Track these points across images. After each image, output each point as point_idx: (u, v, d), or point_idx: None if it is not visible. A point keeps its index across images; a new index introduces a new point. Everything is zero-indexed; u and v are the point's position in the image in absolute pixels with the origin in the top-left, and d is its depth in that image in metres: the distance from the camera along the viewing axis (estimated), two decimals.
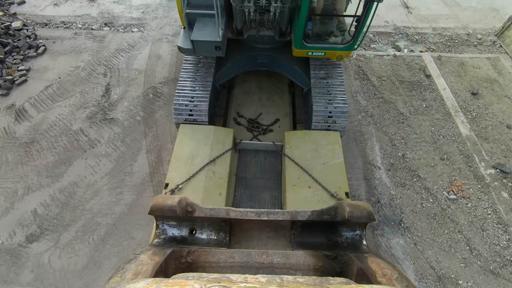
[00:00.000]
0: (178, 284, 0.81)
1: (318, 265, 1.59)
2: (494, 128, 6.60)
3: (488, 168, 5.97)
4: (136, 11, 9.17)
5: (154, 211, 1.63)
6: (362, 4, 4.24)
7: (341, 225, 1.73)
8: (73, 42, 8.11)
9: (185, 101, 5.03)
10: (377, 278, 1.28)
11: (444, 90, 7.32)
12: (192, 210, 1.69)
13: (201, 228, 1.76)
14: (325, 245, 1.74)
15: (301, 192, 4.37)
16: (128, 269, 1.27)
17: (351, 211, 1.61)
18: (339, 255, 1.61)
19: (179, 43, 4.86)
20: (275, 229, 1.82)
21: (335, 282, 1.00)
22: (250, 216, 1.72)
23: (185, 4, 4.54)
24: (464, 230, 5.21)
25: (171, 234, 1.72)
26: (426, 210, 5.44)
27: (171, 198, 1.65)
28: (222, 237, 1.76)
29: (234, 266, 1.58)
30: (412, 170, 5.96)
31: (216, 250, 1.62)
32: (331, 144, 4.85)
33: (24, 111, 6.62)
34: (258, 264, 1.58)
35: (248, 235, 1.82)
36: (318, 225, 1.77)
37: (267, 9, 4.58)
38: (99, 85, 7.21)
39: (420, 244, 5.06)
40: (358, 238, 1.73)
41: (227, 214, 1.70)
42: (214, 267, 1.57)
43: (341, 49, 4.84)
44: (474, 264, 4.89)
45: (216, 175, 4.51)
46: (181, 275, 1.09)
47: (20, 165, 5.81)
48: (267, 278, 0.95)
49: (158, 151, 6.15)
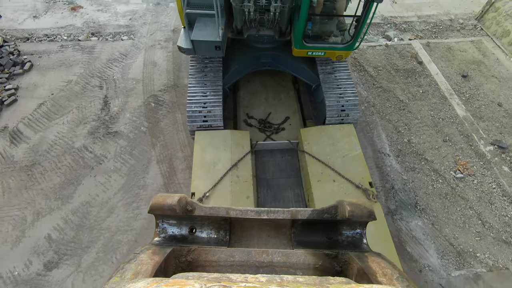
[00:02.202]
0: (178, 283, 0.81)
1: (318, 264, 1.60)
2: (487, 107, 7.01)
3: (487, 145, 6.34)
4: (123, 18, 8.86)
5: (154, 210, 1.62)
6: (362, 4, 4.27)
7: (342, 224, 1.74)
8: (61, 55, 7.72)
9: (198, 107, 4.95)
10: (377, 277, 1.30)
11: (437, 75, 7.66)
12: (192, 209, 1.68)
13: (201, 227, 1.76)
14: (325, 244, 1.75)
15: (326, 186, 4.45)
16: (128, 268, 1.26)
17: (351, 210, 1.61)
18: (339, 254, 1.61)
19: (179, 43, 4.83)
20: (275, 228, 1.82)
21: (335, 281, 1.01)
22: (250, 215, 1.72)
23: (185, 4, 4.51)
24: (474, 205, 5.52)
25: (171, 232, 1.72)
26: (437, 191, 5.71)
27: (170, 197, 1.65)
28: (222, 236, 1.76)
29: (234, 265, 1.58)
30: (419, 154, 6.22)
31: (216, 249, 1.62)
32: (347, 137, 4.97)
33: (19, 132, 6.25)
34: (258, 263, 1.59)
35: (248, 234, 1.83)
36: (318, 224, 1.77)
37: (267, 8, 4.59)
38: (96, 98, 6.93)
39: (437, 224, 5.31)
40: (359, 237, 1.75)
41: (227, 213, 1.69)
42: (214, 266, 1.58)
43: (341, 49, 4.81)
44: (488, 236, 5.20)
45: (240, 179, 4.50)
46: (181, 275, 1.09)
47: (25, 190, 5.49)
48: (267, 278, 0.95)
49: (170, 161, 6.02)
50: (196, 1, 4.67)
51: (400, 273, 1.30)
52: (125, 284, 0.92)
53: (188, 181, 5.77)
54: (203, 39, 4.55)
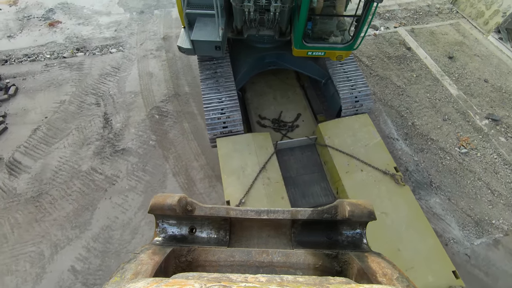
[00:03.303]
0: (178, 283, 0.80)
1: (318, 264, 1.59)
2: (475, 84, 7.51)
3: (483, 120, 6.81)
4: (108, 30, 8.46)
5: (154, 210, 1.62)
6: (362, 4, 4.32)
7: (342, 224, 1.73)
8: (47, 75, 7.24)
9: (217, 114, 4.87)
10: (377, 277, 1.29)
11: (426, 59, 8.09)
12: (192, 209, 1.68)
13: (201, 227, 1.76)
14: (325, 244, 1.74)
15: (355, 177, 4.57)
16: (127, 269, 1.25)
17: (351, 210, 1.59)
18: (339, 254, 1.61)
19: (179, 43, 4.79)
20: (275, 228, 1.81)
21: (335, 281, 1.00)
22: (250, 215, 1.71)
23: (185, 4, 4.48)
24: (482, 177, 5.92)
25: (171, 232, 1.72)
26: (447, 168, 6.05)
27: (170, 197, 1.65)
28: (222, 236, 1.75)
29: (234, 265, 1.58)
30: (424, 135, 6.55)
31: (216, 249, 1.62)
32: (365, 126, 5.12)
33: (17, 162, 5.79)
34: (258, 263, 1.59)
35: (248, 234, 1.82)
36: (318, 224, 1.77)
37: (267, 8, 4.60)
38: (95, 116, 6.58)
39: (453, 198, 5.64)
40: (359, 237, 1.73)
41: (227, 213, 1.69)
42: (214, 266, 1.58)
43: (341, 48, 4.80)
44: (498, 203, 5.60)
45: (271, 181, 4.49)
46: (181, 275, 1.10)
47: (36, 223, 5.11)
48: (267, 278, 0.95)
49: (186, 171, 5.87)
50: (196, 1, 4.66)
51: (400, 273, 1.31)
52: (125, 284, 0.91)
53: (209, 190, 5.67)
54: (203, 39, 4.54)
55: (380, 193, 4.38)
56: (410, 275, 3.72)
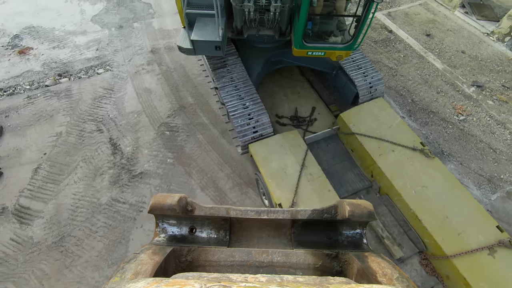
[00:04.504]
0: (178, 283, 0.81)
1: (318, 264, 1.60)
2: (455, 57, 8.21)
3: (470, 87, 7.48)
4: (88, 50, 7.86)
5: (154, 210, 1.63)
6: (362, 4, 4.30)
7: (341, 223, 1.74)
8: (33, 108, 6.56)
9: (245, 120, 4.79)
10: (377, 277, 1.30)
11: (407, 39, 8.65)
12: (192, 209, 1.69)
13: (201, 227, 1.76)
14: (325, 243, 1.75)
15: (389, 158, 4.79)
16: (128, 268, 1.25)
17: (351, 210, 1.60)
18: (339, 254, 1.62)
19: (179, 43, 4.77)
20: (275, 228, 1.81)
21: (335, 281, 1.00)
22: (250, 215, 1.71)
23: (185, 4, 4.44)
24: (482, 139, 6.52)
25: (171, 232, 1.73)
26: (452, 136, 6.57)
27: (170, 197, 1.67)
28: (222, 236, 1.75)
29: (234, 265, 1.58)
30: (425, 109, 7.03)
31: (216, 249, 1.63)
32: (383, 109, 5.37)
33: (25, 208, 5.20)
34: (258, 263, 1.59)
35: (248, 234, 1.82)
36: (318, 224, 1.78)
37: (267, 8, 4.63)
38: (101, 143, 6.12)
39: (464, 162, 6.14)
40: (359, 237, 1.75)
41: (227, 213, 1.69)
42: (214, 266, 1.58)
43: (341, 48, 4.80)
44: (502, 160, 6.22)
45: (314, 176, 4.54)
46: (181, 275, 1.10)
47: (66, 269, 4.65)
48: (267, 278, 0.95)
49: (213, 183, 5.71)
50: (196, 1, 4.65)
51: (400, 273, 1.31)
52: (125, 284, 0.92)
53: (242, 198, 5.58)
54: (203, 39, 4.53)
55: (415, 169, 4.64)
56: (462, 238, 4.02)
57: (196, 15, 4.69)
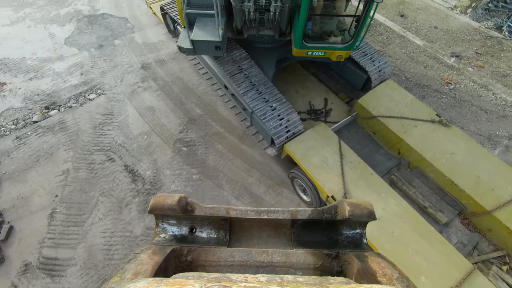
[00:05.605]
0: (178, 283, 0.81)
1: (318, 264, 1.61)
2: (430, 32, 8.92)
3: (450, 58, 8.19)
4: (72, 76, 7.22)
5: (154, 210, 1.61)
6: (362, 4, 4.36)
7: (342, 223, 1.77)
8: (26, 149, 5.88)
9: (277, 122, 4.78)
10: (377, 277, 1.31)
11: (385, 22, 9.21)
12: (192, 209, 1.68)
13: (201, 227, 1.75)
14: (325, 243, 1.77)
15: (414, 133, 5.09)
16: (127, 268, 1.24)
17: (351, 210, 1.62)
18: (339, 254, 1.65)
19: (179, 43, 4.76)
20: (275, 228, 1.82)
21: (335, 281, 0.99)
22: (250, 215, 1.71)
23: (185, 4, 4.43)
24: (473, 102, 7.20)
25: (171, 232, 1.71)
26: (448, 104, 7.16)
27: (170, 197, 1.65)
28: (222, 236, 1.75)
29: (234, 265, 1.59)
30: (418, 84, 7.57)
31: (216, 249, 1.63)
32: (396, 89, 5.69)
33: (51, 259, 4.68)
34: (258, 263, 1.60)
35: (248, 234, 1.83)
36: (318, 224, 1.81)
37: (267, 8, 4.68)
38: (116, 173, 5.69)
39: (465, 126, 6.74)
40: (359, 237, 1.77)
41: (227, 213, 1.69)
42: (214, 266, 1.58)
43: (341, 48, 4.78)
44: (493, 118, 6.93)
45: (354, 163, 4.68)
46: (181, 275, 1.11)
47: None
48: (267, 278, 0.95)
49: (246, 190, 5.62)
50: (196, 1, 4.64)
51: (400, 273, 1.32)
52: (125, 284, 0.92)
53: (278, 198, 5.57)
54: (203, 39, 4.54)
55: (439, 139, 5.00)
56: (496, 193, 4.43)
57: (196, 15, 4.68)
